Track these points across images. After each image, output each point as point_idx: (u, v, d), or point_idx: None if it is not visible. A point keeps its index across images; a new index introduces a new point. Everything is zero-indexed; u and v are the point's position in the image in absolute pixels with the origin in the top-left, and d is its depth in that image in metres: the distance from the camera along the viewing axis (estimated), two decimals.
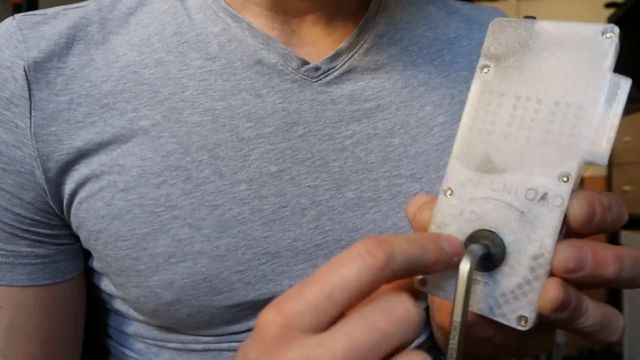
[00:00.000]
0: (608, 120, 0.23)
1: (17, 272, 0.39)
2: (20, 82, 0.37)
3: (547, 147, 0.23)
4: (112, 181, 0.37)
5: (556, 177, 0.23)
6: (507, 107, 0.25)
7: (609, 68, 0.23)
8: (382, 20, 0.43)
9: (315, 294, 0.20)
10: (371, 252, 0.20)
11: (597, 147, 0.23)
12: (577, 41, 0.24)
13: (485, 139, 0.25)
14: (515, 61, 0.25)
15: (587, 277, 0.22)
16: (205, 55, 0.39)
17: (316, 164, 0.40)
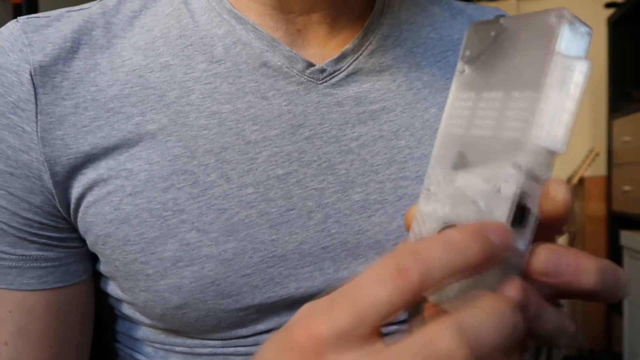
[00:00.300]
0: (562, 104, 0.22)
1: (27, 276, 0.39)
2: (26, 86, 0.37)
3: (504, 138, 0.23)
4: (120, 185, 0.37)
5: (509, 168, 0.22)
6: (476, 105, 0.25)
7: (557, 50, 0.22)
8: (387, 22, 0.43)
9: (345, 317, 0.20)
10: (403, 272, 0.19)
11: (549, 133, 0.22)
12: (533, 30, 0.23)
13: (459, 138, 0.25)
14: (485, 60, 0.25)
15: (565, 284, 0.22)
16: (210, 58, 0.39)
17: (322, 166, 0.40)
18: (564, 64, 0.22)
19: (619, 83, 2.34)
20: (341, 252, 0.40)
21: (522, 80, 0.23)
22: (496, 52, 0.25)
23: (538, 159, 0.22)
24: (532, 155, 0.22)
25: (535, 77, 0.23)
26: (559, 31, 0.22)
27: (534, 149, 0.22)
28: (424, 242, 0.20)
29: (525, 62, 0.23)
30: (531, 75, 0.23)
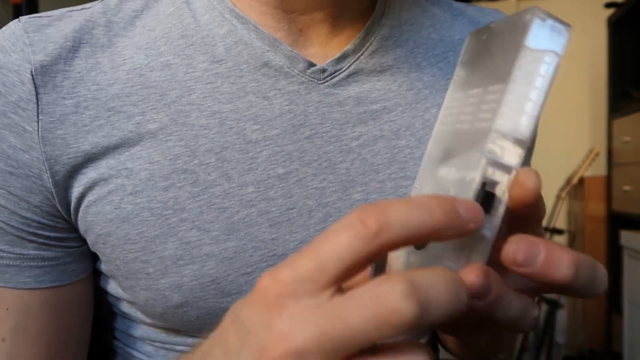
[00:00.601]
0: (526, 94, 0.23)
1: (24, 275, 0.39)
2: (27, 86, 0.37)
3: (476, 130, 0.24)
4: (121, 184, 0.37)
5: (475, 157, 0.23)
6: (462, 104, 0.26)
7: (526, 44, 0.23)
8: (388, 22, 0.43)
9: (307, 263, 0.20)
10: (363, 219, 0.20)
11: (511, 121, 0.23)
12: (511, 29, 0.25)
13: (446, 134, 0.27)
14: (476, 62, 0.27)
15: (536, 274, 0.22)
16: (211, 57, 0.39)
17: (323, 165, 0.40)
18: (531, 56, 0.23)
19: (619, 83, 2.34)
20: None
21: (497, 75, 0.24)
22: (484, 53, 0.26)
23: (504, 147, 0.23)
24: (496, 143, 0.23)
25: (506, 70, 0.23)
26: (529, 27, 0.23)
27: (497, 137, 0.23)
28: (390, 200, 0.20)
29: (502, 58, 0.24)
30: (504, 69, 0.24)
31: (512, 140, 0.23)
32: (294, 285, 0.20)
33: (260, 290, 0.21)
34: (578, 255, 0.23)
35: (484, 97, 0.25)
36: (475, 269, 0.22)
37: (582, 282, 0.23)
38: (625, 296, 1.96)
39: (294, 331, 0.20)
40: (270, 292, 0.21)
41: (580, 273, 0.22)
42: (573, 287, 0.23)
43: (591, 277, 0.23)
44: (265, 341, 0.20)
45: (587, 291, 0.23)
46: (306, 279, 0.20)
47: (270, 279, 0.21)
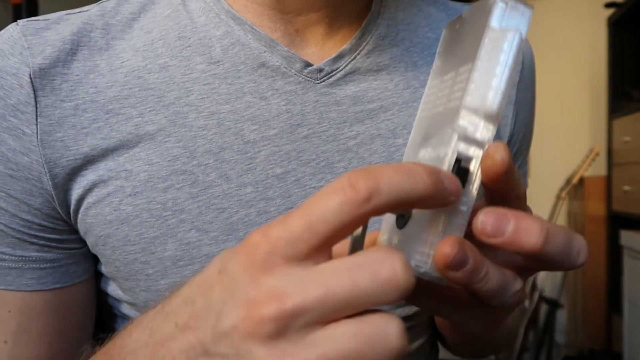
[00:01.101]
0: (491, 70, 0.24)
1: (26, 277, 0.39)
2: (26, 89, 0.37)
3: (449, 108, 0.25)
4: (120, 186, 0.37)
5: (447, 135, 0.24)
6: (438, 90, 0.27)
7: (489, 25, 0.24)
8: (384, 22, 0.44)
9: (297, 223, 0.20)
10: (353, 184, 0.20)
11: (479, 95, 0.24)
12: (478, 13, 0.26)
13: (426, 119, 0.28)
14: (450, 50, 0.28)
15: (506, 244, 0.22)
16: (209, 59, 0.40)
17: (321, 165, 0.40)
18: (494, 35, 0.24)
19: (619, 83, 2.34)
20: None
21: (466, 57, 0.25)
22: (455, 40, 0.28)
23: (475, 122, 0.24)
24: (467, 119, 0.24)
25: (474, 51, 0.24)
26: (492, 9, 0.24)
27: (467, 113, 0.24)
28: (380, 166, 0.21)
29: (470, 42, 0.26)
30: (471, 50, 0.25)
31: (482, 115, 0.24)
32: (284, 245, 0.20)
33: (249, 246, 0.21)
34: (550, 225, 0.23)
35: (455, 78, 0.26)
36: (450, 240, 0.22)
37: (555, 251, 0.23)
38: (625, 296, 1.96)
39: (291, 290, 0.20)
40: (260, 248, 0.21)
41: (552, 241, 0.23)
42: (547, 256, 0.23)
43: (566, 246, 0.23)
44: (254, 297, 0.20)
45: (563, 261, 0.24)
46: (296, 239, 0.20)
47: (261, 235, 0.21)
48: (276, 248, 0.20)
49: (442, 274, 0.23)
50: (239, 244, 0.22)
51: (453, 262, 0.22)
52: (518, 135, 0.49)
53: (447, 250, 0.22)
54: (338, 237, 0.21)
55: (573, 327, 2.54)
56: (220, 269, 0.22)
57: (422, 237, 0.24)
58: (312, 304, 0.20)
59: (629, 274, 1.94)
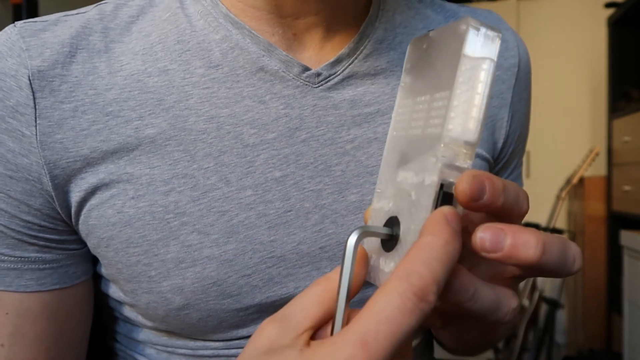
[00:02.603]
0: (470, 100, 0.25)
1: (25, 278, 0.39)
2: (25, 91, 0.37)
3: (428, 135, 0.26)
4: (123, 189, 0.38)
5: (432, 161, 0.25)
6: (411, 110, 0.28)
7: (464, 53, 0.25)
8: (382, 26, 0.44)
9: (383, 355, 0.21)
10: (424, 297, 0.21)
11: (460, 125, 0.25)
12: (449, 38, 0.26)
13: (400, 139, 0.28)
14: (419, 69, 0.29)
15: (506, 257, 0.23)
16: (208, 63, 0.40)
17: (319, 168, 0.40)
18: (470, 64, 0.25)
19: (619, 83, 2.34)
20: (338, 252, 0.41)
21: (441, 82, 0.26)
22: (425, 61, 0.28)
23: (456, 150, 0.25)
24: (449, 147, 0.25)
25: (449, 78, 0.25)
26: (465, 37, 0.25)
27: (449, 141, 0.25)
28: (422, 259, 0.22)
29: (443, 66, 0.26)
30: (447, 77, 0.25)
31: (462, 143, 0.25)
32: None
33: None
34: (545, 236, 0.24)
35: (431, 103, 0.26)
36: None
37: (553, 261, 0.24)
38: (625, 296, 1.96)
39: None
40: None
41: (549, 252, 0.24)
42: (545, 266, 0.24)
43: (561, 255, 0.25)
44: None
45: (560, 269, 0.25)
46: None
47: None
48: None
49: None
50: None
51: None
52: (514, 136, 0.49)
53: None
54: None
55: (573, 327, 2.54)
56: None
57: None
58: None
59: (629, 274, 1.94)
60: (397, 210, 0.27)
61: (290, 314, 0.24)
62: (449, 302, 0.24)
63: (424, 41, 0.29)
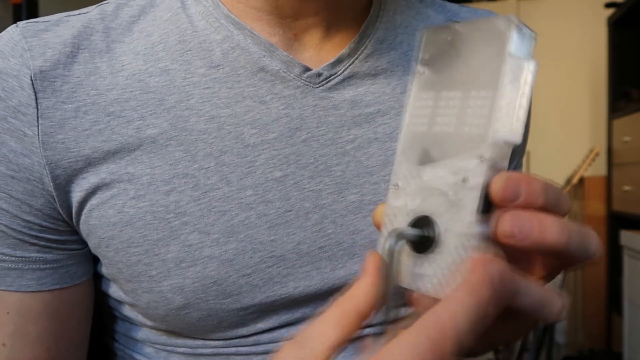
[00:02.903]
0: (516, 101, 0.24)
1: (26, 278, 0.39)
2: (27, 91, 0.37)
3: (465, 134, 0.25)
4: (124, 189, 0.38)
5: (474, 160, 0.25)
6: (436, 104, 0.27)
7: (509, 53, 0.25)
8: (382, 25, 0.44)
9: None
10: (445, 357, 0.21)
11: (507, 127, 0.24)
12: (486, 34, 0.26)
13: (422, 135, 0.28)
14: (442, 61, 0.28)
15: (534, 244, 0.23)
16: (209, 63, 0.40)
17: (319, 168, 0.40)
18: (515, 64, 0.24)
19: (619, 83, 2.34)
20: (337, 252, 0.41)
21: (479, 81, 0.25)
22: (452, 54, 0.27)
23: (498, 151, 0.24)
24: (493, 148, 0.24)
25: (491, 77, 0.25)
26: (509, 35, 0.25)
27: (494, 142, 0.24)
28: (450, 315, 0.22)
29: (480, 64, 0.26)
30: (487, 76, 0.25)
31: (505, 144, 0.25)
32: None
33: None
34: (564, 220, 0.24)
35: (466, 101, 0.26)
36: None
37: (577, 245, 0.24)
38: (625, 296, 1.96)
39: None
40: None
41: (573, 236, 0.24)
42: (570, 250, 0.24)
43: (583, 238, 0.25)
44: None
45: (584, 252, 0.25)
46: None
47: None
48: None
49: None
50: None
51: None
52: None
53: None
54: None
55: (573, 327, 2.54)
56: None
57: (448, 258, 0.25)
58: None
59: (629, 274, 1.94)
60: (429, 209, 0.26)
61: (310, 336, 0.24)
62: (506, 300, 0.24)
63: (447, 32, 0.28)
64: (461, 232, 0.24)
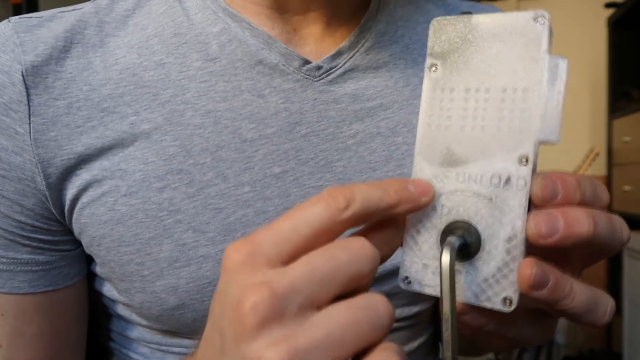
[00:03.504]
0: (554, 99, 0.24)
1: (18, 280, 0.38)
2: (18, 87, 0.36)
3: (502, 133, 0.24)
4: (115, 186, 0.37)
5: (516, 161, 0.24)
6: (459, 101, 0.26)
7: (546, 50, 0.24)
8: (383, 19, 0.43)
9: (282, 226, 0.22)
10: (333, 195, 0.23)
11: (548, 125, 0.24)
12: (513, 30, 0.25)
13: (444, 134, 0.26)
14: (459, 56, 0.26)
15: (563, 238, 0.23)
16: (205, 56, 0.39)
17: (320, 164, 0.39)
18: (552, 62, 0.24)
19: (619, 83, 2.34)
20: None
21: (513, 78, 0.24)
22: (472, 49, 0.26)
23: (537, 150, 0.24)
24: (535, 148, 0.24)
25: (528, 75, 0.24)
26: (546, 32, 0.24)
27: (536, 143, 0.24)
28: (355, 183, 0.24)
29: (510, 61, 0.25)
30: (522, 74, 0.24)
31: (542, 142, 0.24)
32: (268, 246, 0.22)
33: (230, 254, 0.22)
34: (590, 209, 0.24)
35: (499, 100, 0.25)
36: (527, 262, 0.23)
37: (605, 233, 0.24)
38: (625, 296, 1.96)
39: (277, 277, 0.21)
40: (240, 252, 0.22)
41: (600, 224, 0.24)
42: (598, 239, 0.24)
43: (610, 225, 0.24)
44: (241, 296, 0.21)
45: (613, 241, 0.25)
46: (281, 240, 0.22)
47: (243, 241, 0.22)
48: (259, 250, 0.22)
49: (528, 294, 0.23)
50: (224, 256, 0.23)
51: (536, 282, 0.23)
52: None
53: (527, 270, 0.23)
54: (318, 241, 0.22)
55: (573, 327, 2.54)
56: (217, 290, 0.23)
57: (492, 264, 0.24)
58: (300, 282, 0.21)
59: (629, 274, 1.93)
60: (466, 214, 0.25)
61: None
62: (548, 301, 0.24)
63: (460, 24, 0.26)
64: (509, 237, 0.24)
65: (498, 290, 0.24)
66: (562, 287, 0.23)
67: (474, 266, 0.25)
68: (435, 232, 0.26)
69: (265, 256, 0.22)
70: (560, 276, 0.23)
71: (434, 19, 0.27)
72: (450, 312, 0.23)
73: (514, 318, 0.27)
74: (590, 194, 0.24)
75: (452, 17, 0.27)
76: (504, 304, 0.24)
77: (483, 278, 0.25)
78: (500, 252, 0.24)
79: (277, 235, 0.22)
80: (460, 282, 0.25)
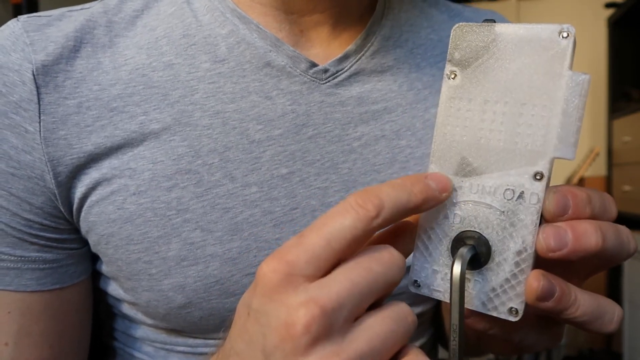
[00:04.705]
0: (573, 116, 0.24)
1: (25, 278, 0.39)
2: (28, 86, 0.36)
3: (518, 148, 0.25)
4: (124, 185, 0.37)
5: (531, 176, 0.24)
6: (476, 112, 0.26)
7: (568, 66, 0.24)
8: (388, 23, 0.44)
9: (315, 242, 0.22)
10: (361, 204, 0.23)
11: (565, 143, 0.24)
12: (537, 43, 0.25)
13: (460, 144, 0.26)
14: (479, 65, 0.26)
15: (572, 252, 0.23)
16: (214, 57, 0.39)
17: (325, 165, 0.40)
18: (574, 80, 0.23)
19: (619, 83, 2.34)
20: None
21: (533, 93, 0.24)
22: (493, 60, 0.26)
23: (551, 167, 0.24)
24: (551, 164, 0.24)
25: (549, 91, 0.24)
26: (570, 48, 0.24)
27: (552, 159, 0.24)
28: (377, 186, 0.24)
29: (532, 76, 0.24)
30: (542, 89, 0.24)
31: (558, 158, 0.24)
32: (304, 265, 0.22)
33: (266, 274, 0.23)
34: (598, 221, 0.24)
35: (518, 115, 0.25)
36: (534, 274, 0.24)
37: (613, 244, 0.24)
38: (625, 296, 1.96)
39: (320, 294, 0.21)
40: (278, 273, 0.22)
41: (608, 236, 0.24)
42: (607, 252, 0.24)
43: (618, 236, 0.25)
44: (287, 315, 0.21)
45: (620, 252, 0.25)
46: (315, 258, 0.22)
47: (277, 260, 0.22)
48: (296, 269, 0.22)
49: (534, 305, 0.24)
50: (254, 280, 0.24)
51: (543, 293, 0.24)
52: None
53: (535, 283, 0.24)
54: (351, 251, 0.23)
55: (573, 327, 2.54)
56: (248, 311, 0.24)
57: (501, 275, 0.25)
58: (343, 297, 0.21)
59: (629, 274, 1.94)
60: (477, 225, 0.25)
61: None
62: (553, 311, 0.24)
63: (482, 33, 0.26)
64: (519, 250, 0.24)
65: (505, 300, 0.25)
66: (567, 297, 0.24)
67: (483, 275, 0.25)
68: (446, 239, 0.26)
69: (302, 275, 0.22)
70: (565, 287, 0.24)
71: (456, 25, 0.27)
72: (458, 322, 0.23)
73: (519, 324, 0.27)
74: (599, 208, 0.25)
75: (475, 24, 0.26)
76: (510, 313, 0.25)
77: (491, 288, 0.25)
78: (510, 264, 0.24)
79: (311, 252, 0.22)
80: (468, 289, 0.26)
